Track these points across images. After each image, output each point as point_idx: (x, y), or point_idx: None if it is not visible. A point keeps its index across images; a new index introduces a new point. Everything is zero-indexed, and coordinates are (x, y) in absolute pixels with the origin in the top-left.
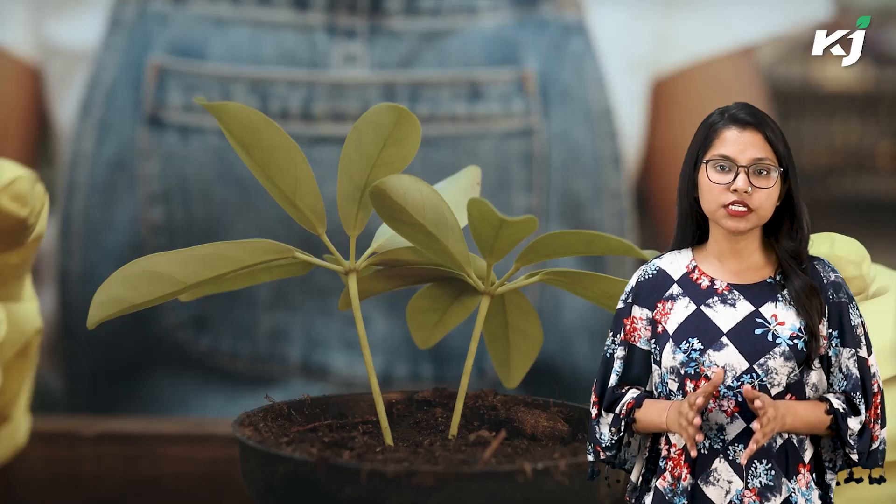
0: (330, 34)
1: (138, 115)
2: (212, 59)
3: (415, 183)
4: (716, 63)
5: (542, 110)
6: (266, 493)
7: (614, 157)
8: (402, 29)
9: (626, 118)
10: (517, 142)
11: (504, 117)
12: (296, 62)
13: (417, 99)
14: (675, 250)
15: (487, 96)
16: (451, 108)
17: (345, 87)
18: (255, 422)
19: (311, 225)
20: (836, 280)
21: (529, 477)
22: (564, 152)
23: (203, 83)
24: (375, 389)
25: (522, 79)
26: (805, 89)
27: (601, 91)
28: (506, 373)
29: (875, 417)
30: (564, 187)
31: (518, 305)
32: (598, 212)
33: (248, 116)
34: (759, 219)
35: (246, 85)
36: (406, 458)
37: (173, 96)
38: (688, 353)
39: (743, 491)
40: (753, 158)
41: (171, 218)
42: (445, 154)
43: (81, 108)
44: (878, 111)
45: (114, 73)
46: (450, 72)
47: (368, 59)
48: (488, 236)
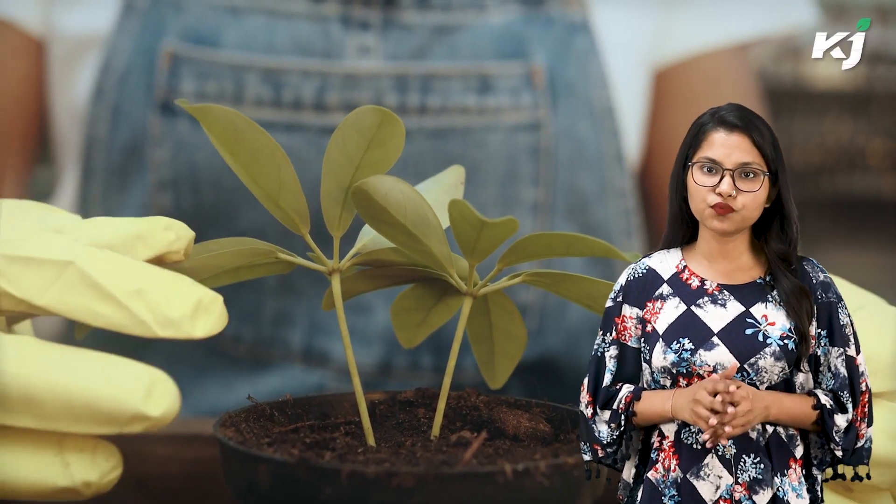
0: (344, 25)
1: (150, 101)
2: (225, 48)
3: (397, 184)
4: (710, 57)
5: (549, 104)
6: (247, 494)
7: (617, 154)
8: (415, 22)
9: (628, 116)
10: (525, 135)
11: (513, 110)
12: (310, 52)
13: (429, 90)
14: (665, 249)
15: (497, 89)
16: (462, 100)
17: (358, 77)
18: (236, 422)
19: (295, 225)
20: (825, 280)
21: (510, 477)
22: (570, 147)
23: (216, 71)
24: (358, 390)
25: (531, 73)
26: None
27: (604, 89)
28: (490, 373)
29: (862, 416)
30: (570, 182)
31: (501, 306)
32: (603, 210)
33: (231, 119)
34: (743, 220)
35: (259, 74)
36: (387, 458)
37: (186, 83)
38: (679, 354)
39: (733, 485)
40: (739, 162)
41: (180, 205)
42: (455, 145)
43: (95, 93)
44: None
45: (127, 58)
46: (460, 64)
47: (382, 51)
48: (470, 237)
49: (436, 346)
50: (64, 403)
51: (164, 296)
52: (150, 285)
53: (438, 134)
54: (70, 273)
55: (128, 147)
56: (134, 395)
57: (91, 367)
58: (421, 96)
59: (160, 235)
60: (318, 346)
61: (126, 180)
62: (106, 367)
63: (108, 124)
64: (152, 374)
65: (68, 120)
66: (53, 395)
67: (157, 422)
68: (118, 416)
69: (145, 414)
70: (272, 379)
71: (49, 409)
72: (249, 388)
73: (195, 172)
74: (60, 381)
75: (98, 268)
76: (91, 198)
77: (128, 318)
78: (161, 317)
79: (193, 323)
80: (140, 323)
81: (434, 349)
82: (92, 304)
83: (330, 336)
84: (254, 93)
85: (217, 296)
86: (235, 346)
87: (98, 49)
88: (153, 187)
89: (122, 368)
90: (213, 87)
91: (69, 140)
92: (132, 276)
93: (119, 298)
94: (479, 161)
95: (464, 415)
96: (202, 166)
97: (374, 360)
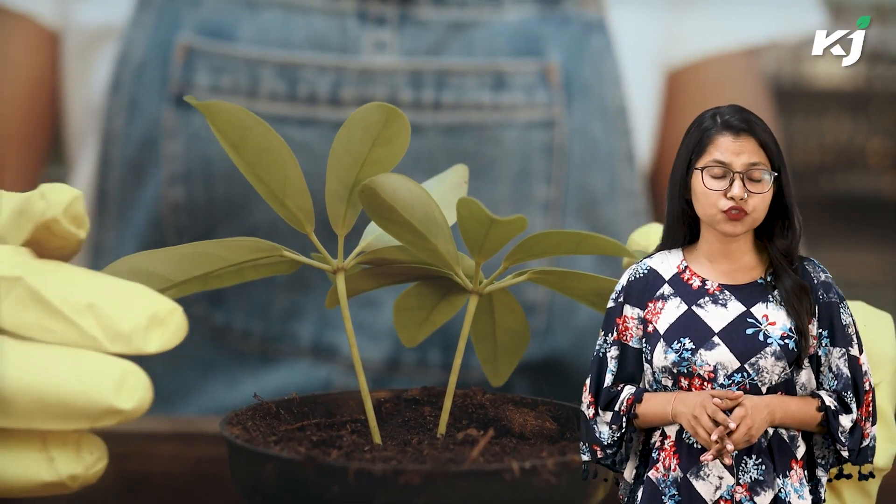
0: (361, 20)
1: (165, 94)
2: (241, 42)
3: (404, 182)
4: (720, 60)
5: (564, 102)
6: (254, 493)
7: (628, 154)
8: (431, 18)
9: (640, 117)
10: (539, 132)
11: (527, 107)
12: (325, 47)
13: (444, 86)
14: (665, 250)
15: (512, 86)
16: (476, 97)
17: (373, 73)
18: (242, 420)
19: (300, 224)
20: (827, 280)
21: (517, 475)
22: (583, 146)
23: (231, 65)
24: (364, 387)
25: (546, 70)
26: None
27: (618, 88)
28: (493, 371)
29: (867, 415)
30: (582, 181)
31: (505, 304)
32: (612, 210)
33: (238, 115)
34: (753, 222)
35: (274, 68)
36: (394, 456)
37: (200, 77)
38: (679, 353)
39: (734, 487)
40: (748, 164)
41: (193, 198)
42: (469, 142)
43: (112, 86)
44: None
45: (142, 51)
46: (475, 61)
47: (398, 47)
48: (478, 235)
49: (444, 342)
50: (36, 402)
51: (116, 309)
52: (102, 298)
53: (452, 130)
54: (19, 289)
55: (143, 140)
56: (105, 390)
57: (61, 363)
58: (436, 92)
59: (35, 205)
60: (327, 341)
61: (141, 174)
62: (76, 362)
63: (125, 118)
64: (123, 367)
65: (83, 113)
66: (25, 395)
67: (129, 415)
68: (89, 411)
69: (117, 408)
70: (279, 375)
71: (22, 408)
72: (255, 384)
73: (208, 166)
74: (32, 379)
75: (48, 282)
76: (108, 191)
77: (77, 334)
78: (111, 331)
79: (146, 337)
80: (90, 338)
81: (442, 345)
82: (41, 321)
83: (339, 331)
84: (269, 87)
85: (176, 307)
86: (244, 341)
87: (114, 41)
88: (165, 181)
89: (92, 363)
90: (227, 81)
91: (84, 133)
92: (84, 290)
93: (67, 314)
94: (493, 158)
95: (470, 413)
96: (216, 160)
97: (382, 355)
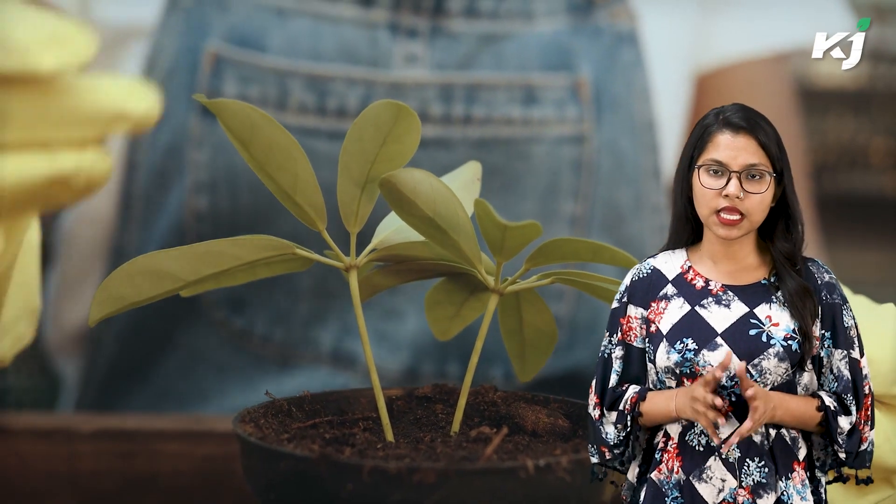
0: (392, 32)
1: (192, 102)
2: (270, 51)
3: (426, 177)
4: (748, 65)
5: (594, 118)
6: (267, 490)
7: (654, 170)
8: (462, 31)
9: (667, 131)
10: (569, 148)
11: (558, 123)
12: (356, 59)
13: (474, 101)
14: (669, 250)
15: (542, 101)
16: (507, 111)
17: (404, 87)
18: (255, 418)
19: (311, 221)
20: (830, 281)
21: (531, 473)
22: (611, 162)
23: (259, 75)
24: (376, 385)
25: (577, 85)
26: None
27: (646, 102)
28: (521, 366)
29: (865, 419)
30: (608, 197)
31: (532, 303)
32: (637, 225)
33: (248, 113)
34: (750, 224)
35: (303, 80)
36: (407, 454)
37: (228, 86)
38: (682, 353)
39: (737, 489)
40: (746, 164)
41: (216, 208)
42: (499, 157)
43: None
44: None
45: (171, 57)
46: (506, 75)
47: (429, 60)
48: (496, 237)
49: (464, 353)
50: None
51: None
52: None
53: (482, 145)
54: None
55: (169, 147)
56: (115, 94)
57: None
58: (466, 106)
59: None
60: (347, 349)
61: (166, 181)
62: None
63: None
64: (132, 79)
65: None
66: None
67: (139, 121)
68: (99, 114)
69: (127, 112)
70: (296, 381)
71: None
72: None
73: (234, 177)
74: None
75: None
76: (133, 195)
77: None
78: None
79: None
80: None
81: (462, 357)
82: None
83: (359, 339)
84: (298, 99)
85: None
86: (264, 346)
87: (139, 41)
88: (190, 189)
89: (101, 76)
90: (255, 92)
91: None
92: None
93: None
94: (521, 173)
95: (482, 410)
96: (241, 171)
97: (402, 366)
